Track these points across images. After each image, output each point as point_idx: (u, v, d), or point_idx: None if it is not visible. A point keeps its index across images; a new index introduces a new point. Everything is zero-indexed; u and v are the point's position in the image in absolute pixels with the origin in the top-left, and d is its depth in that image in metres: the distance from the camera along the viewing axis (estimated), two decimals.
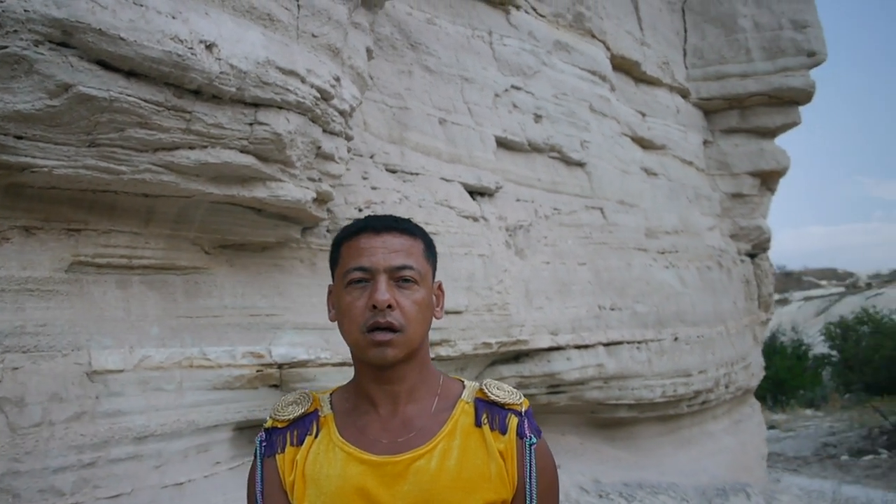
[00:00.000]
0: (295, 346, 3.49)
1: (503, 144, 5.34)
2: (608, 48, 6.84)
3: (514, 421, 1.38)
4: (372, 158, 4.22)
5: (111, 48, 2.18)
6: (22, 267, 2.56)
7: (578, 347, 5.40)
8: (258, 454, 1.41)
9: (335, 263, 1.43)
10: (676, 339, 6.60)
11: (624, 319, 6.01)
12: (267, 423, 1.44)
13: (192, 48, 2.37)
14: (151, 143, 2.48)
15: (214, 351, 3.18)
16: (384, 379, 1.38)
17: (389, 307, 1.33)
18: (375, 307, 1.32)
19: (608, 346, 5.72)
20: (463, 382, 1.46)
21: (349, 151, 3.60)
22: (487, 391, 1.41)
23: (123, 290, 2.93)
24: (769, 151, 8.60)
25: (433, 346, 4.14)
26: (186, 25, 2.37)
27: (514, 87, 5.52)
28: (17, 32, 2.03)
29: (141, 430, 2.86)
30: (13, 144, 2.23)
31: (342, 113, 3.25)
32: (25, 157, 2.28)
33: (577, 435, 6.11)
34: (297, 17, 2.90)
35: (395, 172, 4.34)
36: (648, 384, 6.14)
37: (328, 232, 3.78)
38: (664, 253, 6.91)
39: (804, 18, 8.26)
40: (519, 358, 5.14)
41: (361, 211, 3.86)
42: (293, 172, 3.05)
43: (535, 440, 1.38)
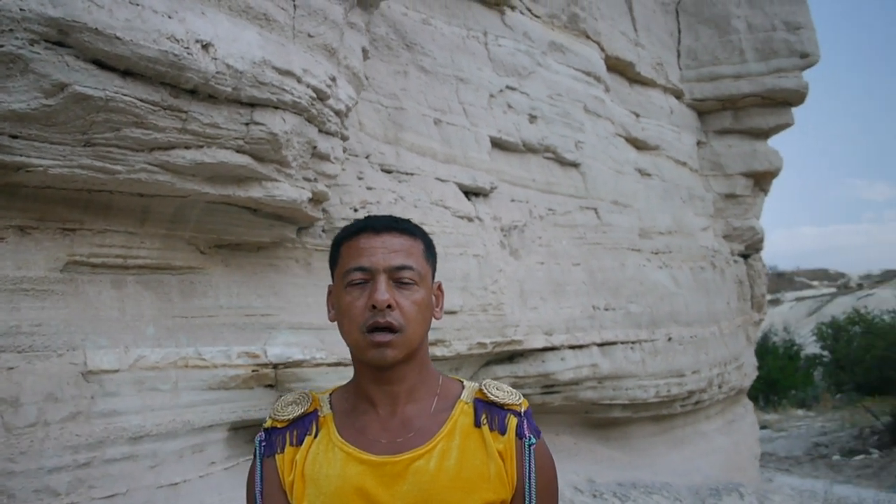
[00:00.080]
0: (290, 346, 3.48)
1: (498, 145, 5.34)
2: (602, 49, 6.85)
3: (513, 421, 1.38)
4: (367, 158, 4.22)
5: (107, 47, 2.18)
6: (17, 266, 2.56)
7: (573, 347, 5.42)
8: (258, 454, 1.41)
9: (335, 263, 1.43)
10: (670, 339, 6.62)
11: (618, 320, 6.03)
12: (266, 422, 1.44)
13: (188, 48, 2.36)
14: (147, 142, 2.47)
15: (210, 351, 3.17)
16: (384, 379, 1.38)
17: (389, 307, 1.33)
18: (375, 307, 1.32)
19: (602, 346, 5.74)
20: (462, 383, 1.46)
21: (345, 151, 3.60)
22: (487, 391, 1.41)
23: (119, 289, 2.93)
24: (762, 152, 8.63)
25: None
26: (183, 25, 2.36)
27: (508, 87, 5.53)
28: (12, 31, 2.03)
29: (136, 430, 2.86)
30: (8, 144, 2.23)
31: (338, 113, 3.25)
32: (21, 156, 2.28)
33: (571, 435, 6.12)
34: (293, 16, 2.89)
35: (390, 172, 4.34)
36: (642, 384, 6.16)
37: (323, 232, 3.77)
38: (658, 253, 6.93)
39: (797, 20, 8.29)
40: (513, 358, 5.15)
41: (357, 211, 3.86)
42: (289, 172, 3.05)
43: (534, 440, 1.38)
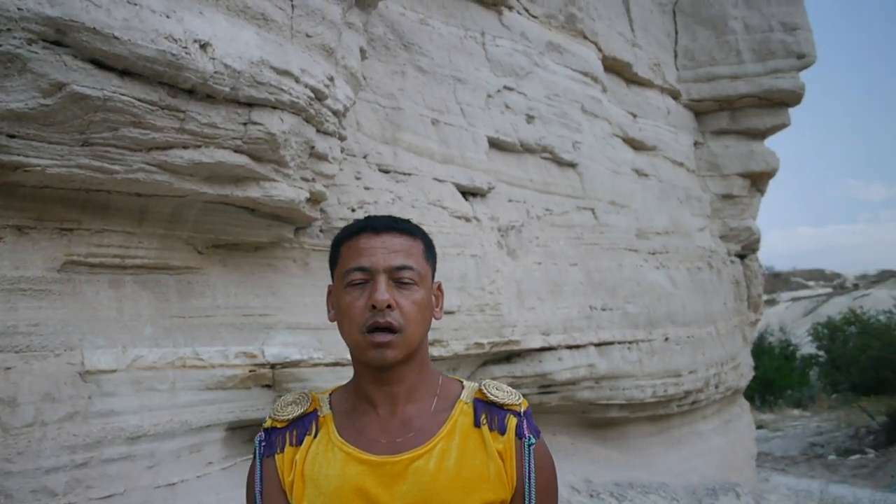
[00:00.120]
0: (288, 346, 3.48)
1: (495, 145, 5.35)
2: (600, 49, 6.86)
3: (512, 421, 1.38)
4: (365, 158, 4.22)
5: (105, 47, 2.18)
6: (14, 266, 2.55)
7: (570, 348, 5.42)
8: (257, 454, 1.41)
9: (335, 264, 1.43)
10: (667, 339, 6.63)
11: (615, 320, 6.03)
12: (266, 422, 1.44)
13: (186, 47, 2.36)
14: (145, 142, 2.47)
15: (207, 351, 3.17)
16: (383, 380, 1.38)
17: (389, 307, 1.32)
18: (375, 307, 1.32)
19: (599, 346, 5.75)
20: (462, 383, 1.46)
21: (342, 151, 3.60)
22: (486, 391, 1.41)
23: (116, 289, 2.92)
24: (759, 153, 8.65)
25: None
26: (181, 25, 2.36)
27: (506, 87, 5.53)
28: (10, 31, 2.02)
29: (134, 430, 2.85)
30: (6, 143, 2.22)
31: (336, 113, 3.25)
32: (18, 156, 2.27)
33: (568, 435, 6.13)
34: (291, 16, 2.89)
35: (387, 173, 4.34)
36: (639, 384, 6.17)
37: (321, 232, 3.77)
38: (655, 253, 6.94)
39: (794, 21, 8.31)
40: (510, 358, 5.15)
41: (354, 211, 3.86)
42: (287, 172, 3.05)
43: (533, 440, 1.38)
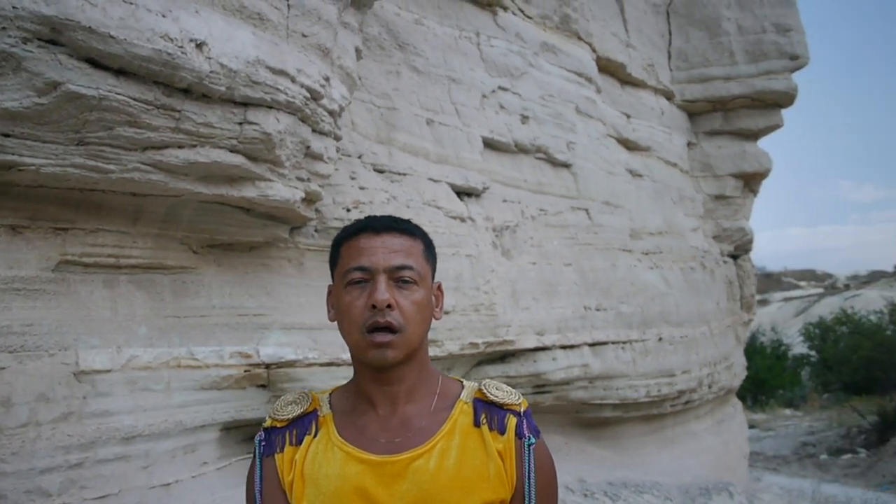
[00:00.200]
0: (283, 346, 3.48)
1: (490, 145, 5.35)
2: (594, 50, 6.87)
3: (512, 421, 1.39)
4: (360, 158, 4.21)
5: (101, 46, 2.17)
6: (8, 266, 2.54)
7: (564, 348, 5.43)
8: (257, 453, 1.41)
9: (335, 263, 1.43)
10: (660, 339, 6.65)
11: (609, 320, 6.05)
12: (266, 422, 1.44)
13: (182, 47, 2.36)
14: (140, 141, 2.46)
15: (202, 351, 3.16)
16: (383, 379, 1.38)
17: (389, 307, 1.32)
18: (375, 307, 1.32)
19: (593, 346, 5.76)
20: (462, 382, 1.46)
21: (338, 151, 3.59)
22: (486, 391, 1.42)
23: (111, 289, 2.91)
24: (752, 153, 8.68)
25: None
26: (177, 24, 2.36)
27: (501, 88, 5.53)
28: (5, 29, 2.01)
29: (128, 430, 2.84)
30: (0, 142, 2.21)
31: (331, 113, 3.24)
32: (12, 155, 2.26)
33: (562, 434, 6.14)
34: (287, 16, 2.89)
35: (382, 172, 4.34)
36: (633, 384, 6.19)
37: (316, 232, 3.77)
38: (648, 254, 6.95)
39: (787, 22, 8.34)
40: (505, 358, 5.16)
41: (349, 211, 3.86)
42: (282, 172, 3.05)
43: (533, 440, 1.38)
